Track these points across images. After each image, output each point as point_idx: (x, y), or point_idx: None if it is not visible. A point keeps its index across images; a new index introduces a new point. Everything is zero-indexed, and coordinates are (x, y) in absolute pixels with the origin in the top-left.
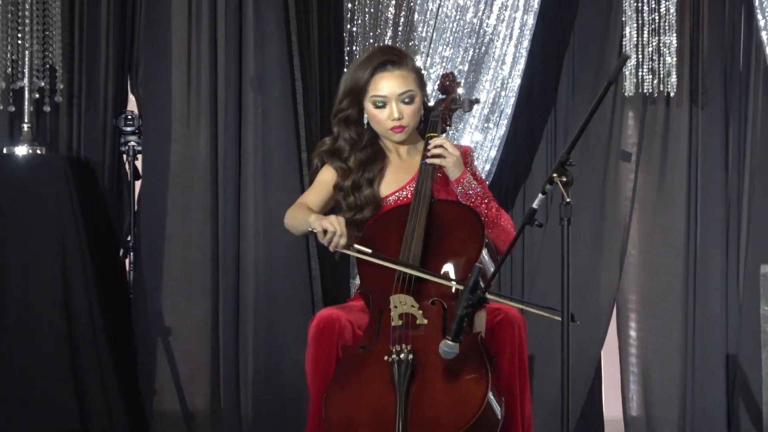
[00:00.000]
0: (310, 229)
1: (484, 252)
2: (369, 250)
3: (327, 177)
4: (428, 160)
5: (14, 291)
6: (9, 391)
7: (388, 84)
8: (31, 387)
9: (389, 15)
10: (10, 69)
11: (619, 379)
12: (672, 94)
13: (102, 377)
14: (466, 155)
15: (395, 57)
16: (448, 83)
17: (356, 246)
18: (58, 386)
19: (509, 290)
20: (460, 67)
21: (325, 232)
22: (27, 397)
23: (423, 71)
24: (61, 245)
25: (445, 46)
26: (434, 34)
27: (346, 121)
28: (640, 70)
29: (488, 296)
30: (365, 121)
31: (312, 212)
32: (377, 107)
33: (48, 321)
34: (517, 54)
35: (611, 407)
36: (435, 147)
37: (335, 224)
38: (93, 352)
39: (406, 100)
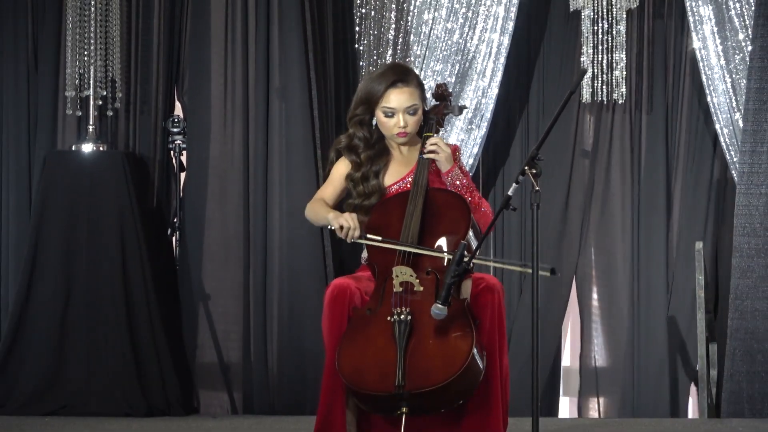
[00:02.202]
0: (330, 226)
1: (470, 231)
2: (379, 238)
3: (341, 171)
4: (424, 155)
5: (82, 266)
6: (77, 342)
7: (397, 99)
8: (94, 342)
9: (390, 36)
10: (78, 81)
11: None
12: (621, 102)
13: (154, 336)
14: (455, 152)
15: (405, 76)
16: (441, 92)
17: (368, 236)
18: (117, 341)
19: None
20: (449, 79)
21: (341, 227)
22: (90, 348)
23: None
24: (119, 226)
25: (436, 62)
26: (427, 52)
27: (360, 123)
28: (596, 81)
29: (474, 261)
30: (373, 123)
31: (329, 208)
32: (387, 116)
33: (109, 290)
34: (495, 68)
35: (573, 361)
36: (431, 144)
37: (350, 221)
38: (146, 315)
39: (411, 112)
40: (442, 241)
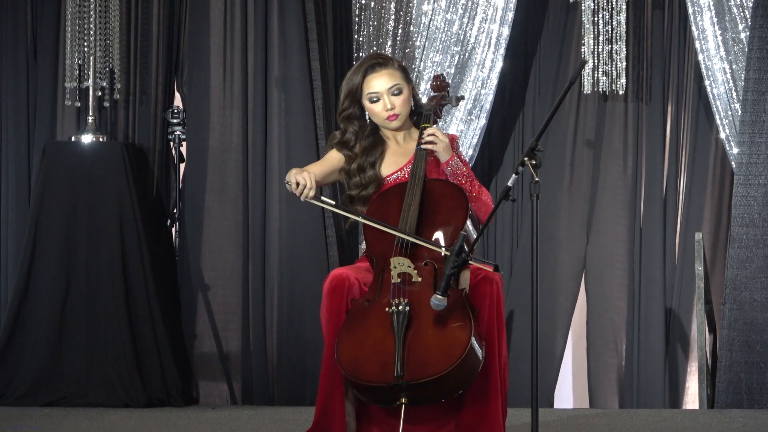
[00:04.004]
0: (287, 181)
1: (468, 222)
2: (332, 202)
3: (335, 155)
4: (422, 146)
5: (81, 256)
6: (76, 333)
7: (378, 82)
8: (93, 332)
9: (389, 27)
10: (77, 72)
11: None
12: (621, 93)
13: (153, 326)
14: (453, 142)
15: (381, 60)
16: (438, 83)
17: (322, 198)
18: (116, 332)
19: (499, 254)
20: (448, 69)
21: (297, 184)
22: (89, 339)
23: (416, 73)
24: (119, 217)
25: (435, 53)
26: (426, 42)
27: (349, 118)
28: (596, 72)
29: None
30: (367, 116)
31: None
32: (373, 102)
33: (108, 281)
34: (495, 59)
35: (574, 351)
36: (428, 135)
37: (306, 179)
38: (146, 306)
39: (395, 92)
40: (440, 232)
